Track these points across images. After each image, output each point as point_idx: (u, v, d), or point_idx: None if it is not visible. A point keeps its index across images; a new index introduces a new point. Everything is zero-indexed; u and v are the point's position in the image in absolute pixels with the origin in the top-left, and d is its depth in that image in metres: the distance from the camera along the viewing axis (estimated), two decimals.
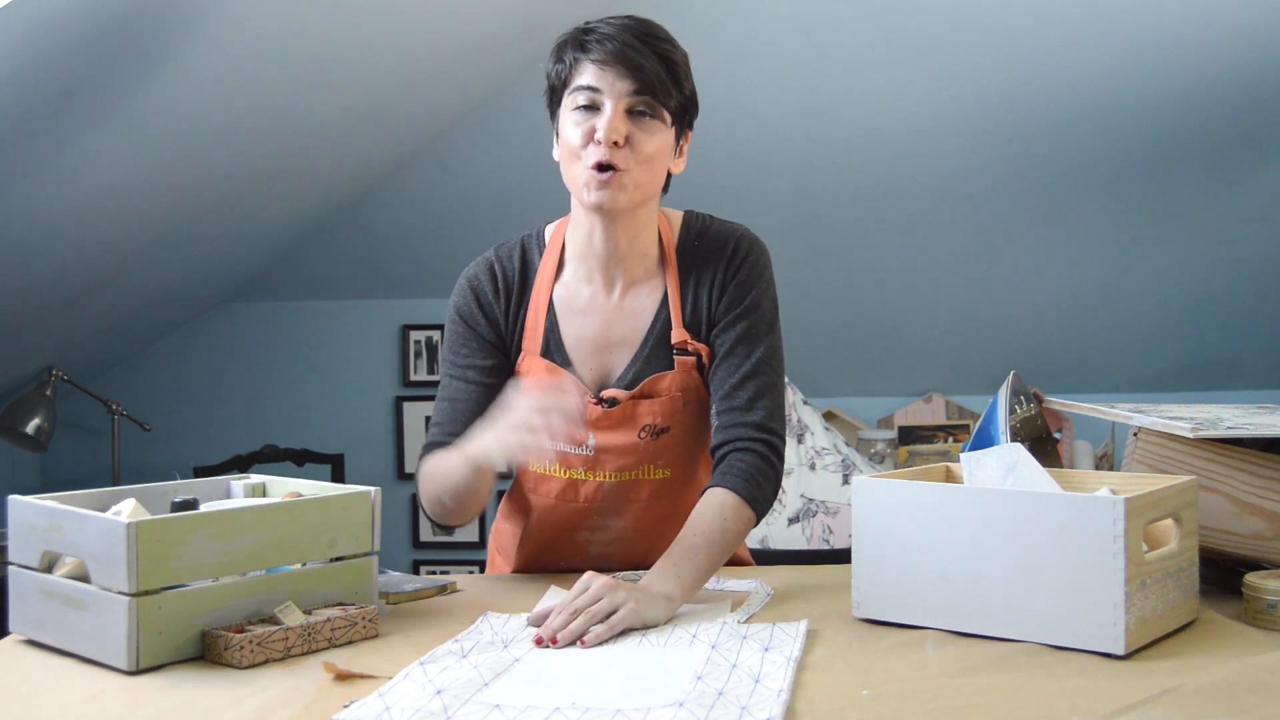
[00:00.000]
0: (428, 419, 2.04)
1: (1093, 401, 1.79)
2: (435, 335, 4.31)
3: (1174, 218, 3.85)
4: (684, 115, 1.64)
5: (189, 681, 1.25)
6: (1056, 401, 1.83)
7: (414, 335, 4.32)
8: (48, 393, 3.69)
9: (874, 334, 4.22)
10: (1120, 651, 1.26)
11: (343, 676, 1.25)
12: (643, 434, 1.69)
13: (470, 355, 1.72)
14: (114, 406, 3.92)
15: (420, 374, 4.29)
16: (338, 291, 4.32)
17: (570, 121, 1.60)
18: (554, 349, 1.71)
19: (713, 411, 1.69)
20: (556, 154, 1.65)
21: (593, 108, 1.58)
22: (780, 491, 1.76)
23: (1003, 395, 1.80)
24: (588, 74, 1.58)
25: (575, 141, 1.59)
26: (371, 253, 4.16)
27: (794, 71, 3.45)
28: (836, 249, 3.97)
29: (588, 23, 1.62)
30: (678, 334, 1.69)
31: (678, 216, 1.76)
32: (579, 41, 1.60)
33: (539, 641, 1.35)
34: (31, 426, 3.63)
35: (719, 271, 1.70)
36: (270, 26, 2.54)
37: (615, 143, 1.56)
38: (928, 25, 3.33)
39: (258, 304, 4.35)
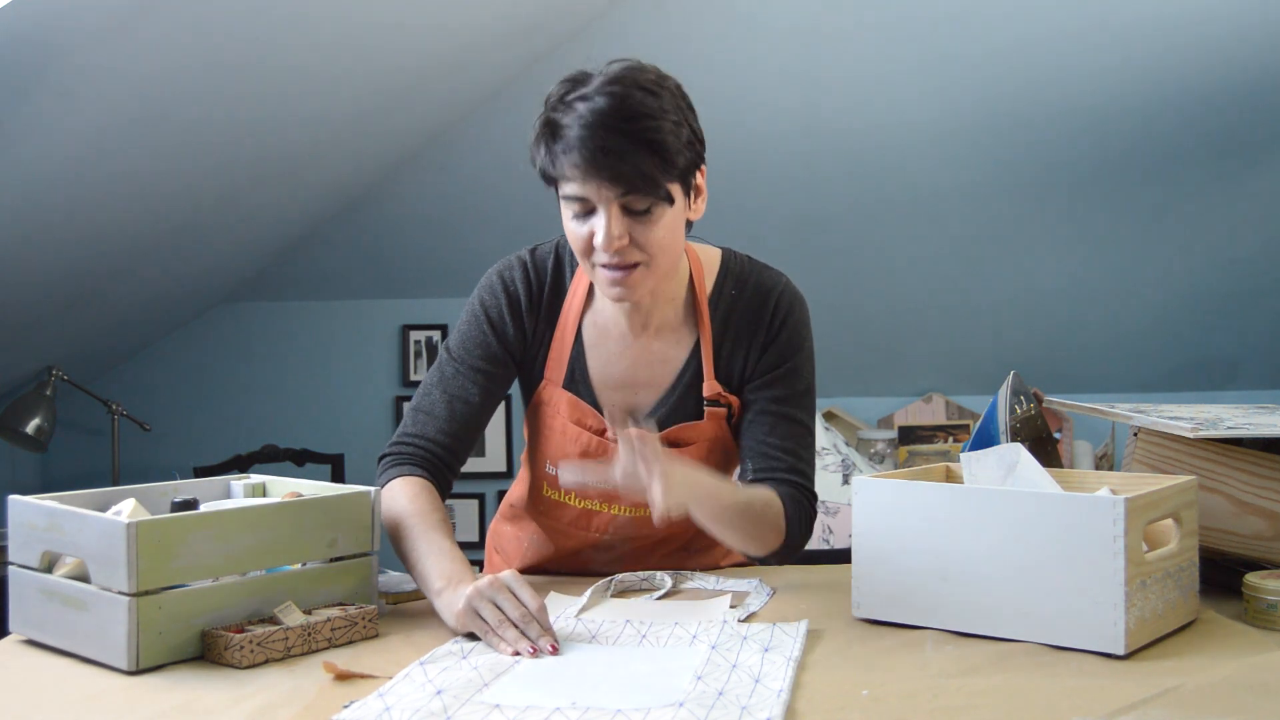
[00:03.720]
0: None
1: (1093, 401, 1.79)
2: (435, 335, 4.31)
3: (1174, 218, 3.85)
4: (688, 173, 1.52)
5: (189, 681, 1.25)
6: (1056, 401, 1.83)
7: (414, 335, 4.32)
8: (48, 393, 3.69)
9: (874, 334, 4.22)
10: (1120, 651, 1.26)
11: (343, 676, 1.25)
12: None
13: (484, 360, 1.67)
14: (114, 406, 3.92)
15: (420, 374, 4.29)
16: (338, 291, 4.32)
17: (570, 222, 1.52)
18: (578, 381, 1.67)
19: (747, 466, 1.65)
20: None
21: (588, 211, 1.49)
22: None
23: (1003, 395, 1.80)
24: (573, 181, 1.47)
25: (580, 244, 1.52)
26: (371, 253, 4.16)
27: (794, 68, 3.45)
28: (836, 248, 3.97)
29: (559, 104, 1.47)
30: (710, 387, 1.65)
31: (715, 257, 1.69)
32: (550, 148, 1.47)
33: (534, 652, 1.33)
34: (31, 426, 3.63)
35: (759, 332, 1.66)
36: (270, 26, 2.54)
37: (620, 247, 1.49)
38: (928, 25, 3.33)
39: (258, 304, 4.35)
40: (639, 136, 1.44)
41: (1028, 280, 4.06)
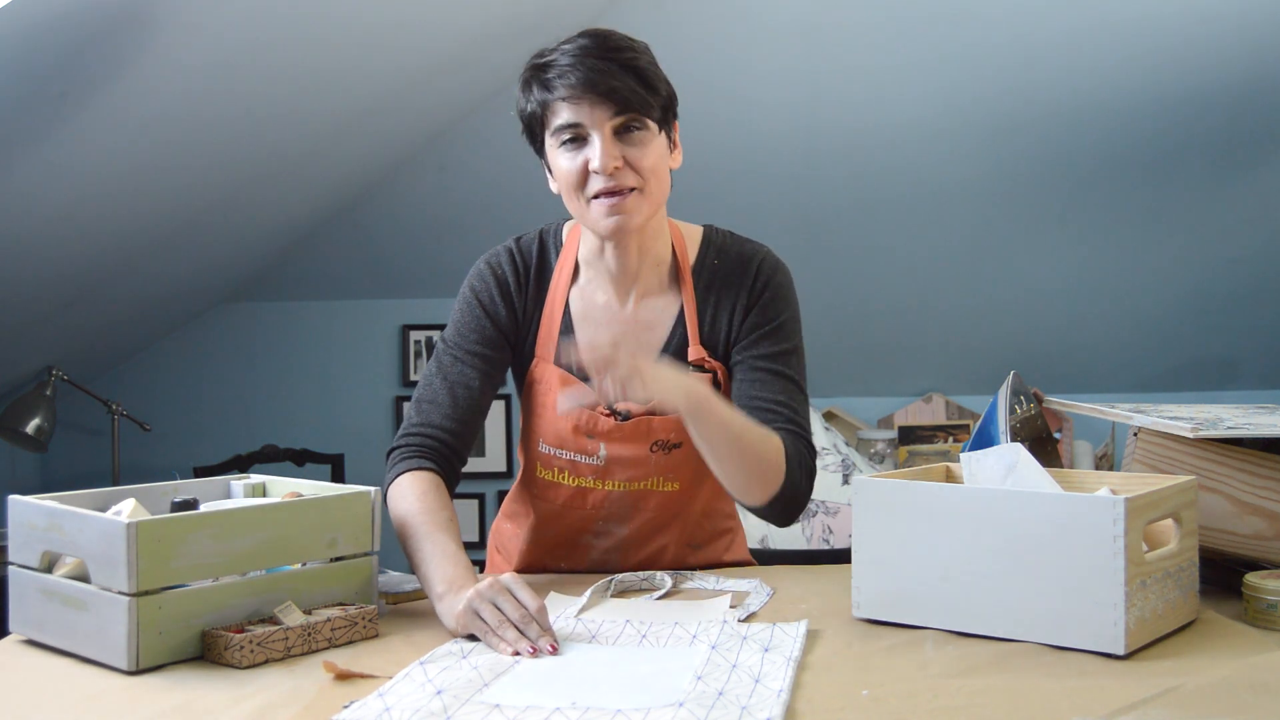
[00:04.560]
0: None
1: (1093, 401, 1.79)
2: (435, 335, 4.30)
3: (1174, 218, 3.85)
4: (667, 112, 1.60)
5: (189, 681, 1.25)
6: (1056, 401, 1.83)
7: (414, 335, 4.33)
8: (48, 393, 3.69)
9: (874, 334, 4.22)
10: (1120, 651, 1.26)
11: (343, 676, 1.25)
12: (654, 448, 1.67)
13: (480, 344, 1.69)
14: (114, 406, 3.92)
15: (420, 374, 4.29)
16: (338, 291, 4.32)
17: (562, 159, 1.56)
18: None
19: None
20: (554, 187, 1.62)
21: (580, 139, 1.54)
22: None
23: (1003, 395, 1.80)
24: (563, 111, 1.53)
25: (573, 179, 1.55)
26: (371, 253, 4.16)
27: (795, 66, 3.45)
28: (836, 248, 3.97)
29: (542, 54, 1.57)
30: (695, 351, 1.66)
31: (697, 232, 1.73)
32: (542, 80, 1.55)
33: (533, 652, 1.33)
34: (31, 426, 3.63)
35: (741, 295, 1.67)
36: (270, 26, 2.54)
37: (615, 169, 1.53)
38: (929, 25, 3.33)
39: (258, 304, 4.35)
40: (624, 63, 1.53)
41: (1028, 280, 4.06)
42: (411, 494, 1.57)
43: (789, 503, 1.59)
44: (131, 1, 2.16)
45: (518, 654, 1.31)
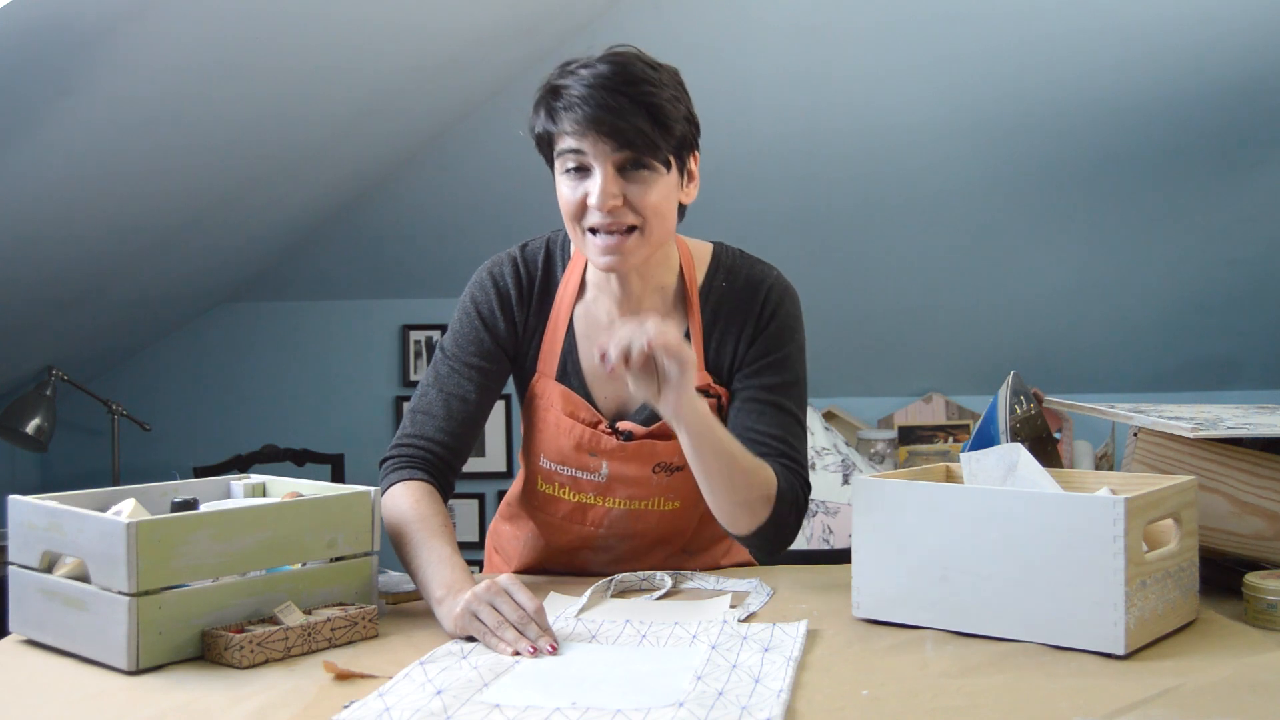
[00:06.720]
0: None
1: (1093, 401, 1.79)
2: (435, 335, 4.31)
3: (1174, 218, 3.85)
4: (683, 148, 1.55)
5: (189, 681, 1.25)
6: (1056, 401, 1.83)
7: (414, 335, 4.33)
8: (48, 393, 3.69)
9: (874, 334, 4.22)
10: (1120, 651, 1.26)
11: (343, 676, 1.25)
12: (657, 469, 1.66)
13: (478, 356, 1.67)
14: (114, 406, 3.92)
15: (420, 374, 4.29)
16: (338, 291, 4.32)
17: (564, 186, 1.53)
18: (570, 373, 1.67)
19: None
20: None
21: (583, 169, 1.51)
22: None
23: (1003, 395, 1.80)
24: (570, 138, 1.50)
25: (572, 209, 1.53)
26: (371, 253, 4.16)
27: (795, 67, 3.45)
28: (837, 248, 3.97)
29: (562, 73, 1.52)
30: (700, 377, 1.63)
31: (706, 251, 1.70)
32: (551, 107, 1.51)
33: (533, 652, 1.33)
34: (31, 426, 3.63)
35: (749, 322, 1.64)
36: (270, 26, 2.54)
37: (613, 207, 1.50)
38: (930, 26, 3.33)
39: (258, 304, 4.36)
40: (638, 99, 1.47)
41: (1028, 280, 4.06)
42: (405, 502, 1.57)
43: (774, 537, 1.58)
44: (131, 1, 2.16)
45: (518, 654, 1.31)
